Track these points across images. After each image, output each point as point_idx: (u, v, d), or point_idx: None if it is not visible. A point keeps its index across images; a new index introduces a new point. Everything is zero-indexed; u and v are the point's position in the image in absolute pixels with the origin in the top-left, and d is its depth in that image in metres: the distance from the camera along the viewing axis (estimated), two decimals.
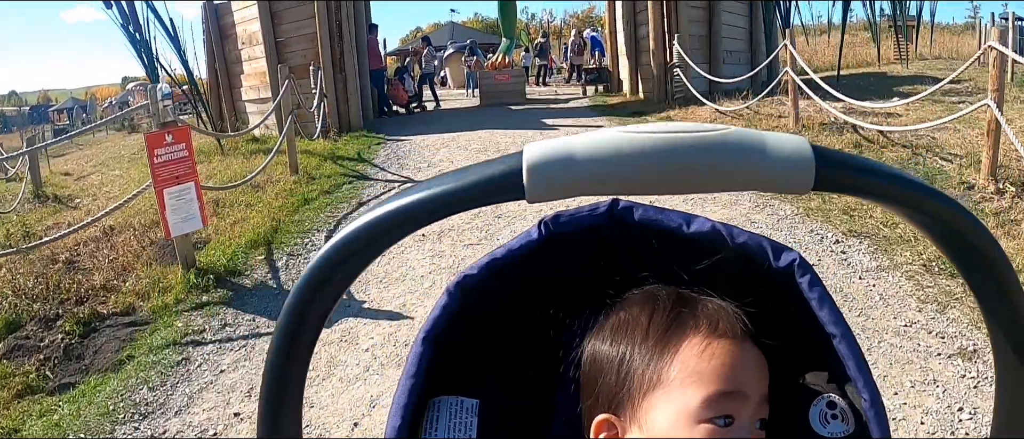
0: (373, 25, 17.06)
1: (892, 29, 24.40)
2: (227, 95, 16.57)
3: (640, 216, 0.80)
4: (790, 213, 6.20)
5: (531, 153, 0.48)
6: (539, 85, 25.73)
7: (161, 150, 5.69)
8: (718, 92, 13.44)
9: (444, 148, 10.90)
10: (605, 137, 0.47)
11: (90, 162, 20.44)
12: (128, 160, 18.32)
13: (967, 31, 41.36)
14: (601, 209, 0.80)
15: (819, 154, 0.47)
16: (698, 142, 0.46)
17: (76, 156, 25.67)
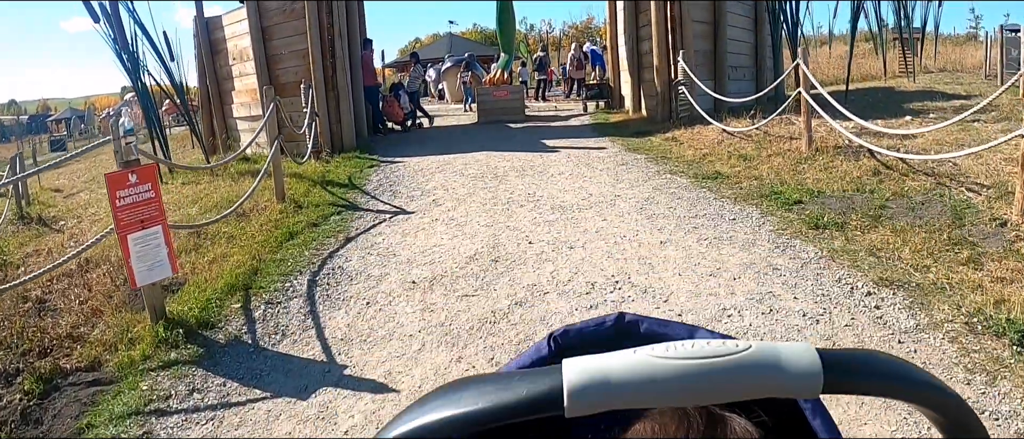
0: (368, 40, 16.59)
1: (896, 41, 24.01)
2: (218, 111, 16.10)
3: (645, 329, 0.79)
4: (813, 256, 5.68)
5: (570, 374, 0.50)
6: (538, 100, 25.22)
7: (124, 191, 5.18)
8: (724, 109, 12.93)
9: (439, 173, 10.39)
10: (640, 360, 0.50)
11: (82, 177, 20.06)
12: None
13: (969, 42, 41.09)
14: (608, 323, 0.79)
15: (827, 364, 0.50)
16: (724, 366, 0.49)
17: (70, 169, 25.33)
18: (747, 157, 9.68)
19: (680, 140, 11.88)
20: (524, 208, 7.71)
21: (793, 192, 7.58)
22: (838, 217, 6.57)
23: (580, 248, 6.12)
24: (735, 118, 12.25)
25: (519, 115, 17.67)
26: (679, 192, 8.10)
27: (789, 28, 15.21)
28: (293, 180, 10.48)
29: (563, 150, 11.82)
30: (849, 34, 17.28)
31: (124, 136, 5.23)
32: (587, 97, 19.44)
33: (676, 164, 9.97)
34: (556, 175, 9.57)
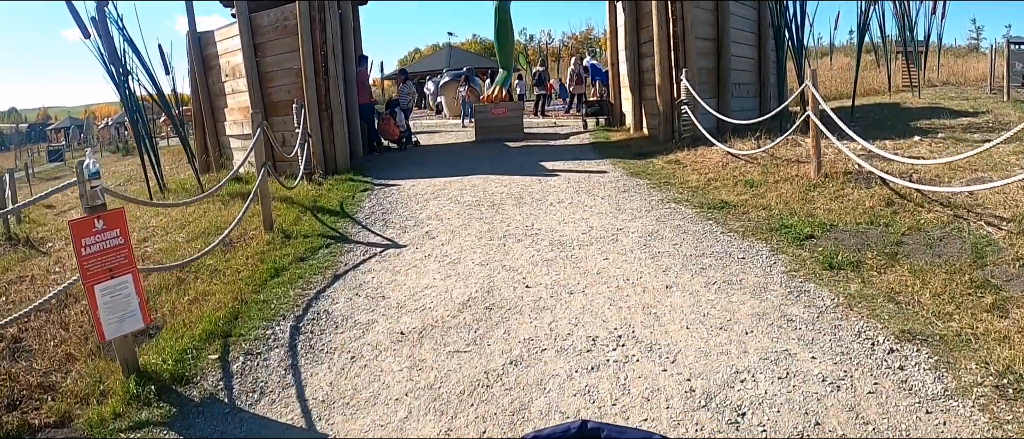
0: (363, 57, 16.29)
1: (898, 54, 23.72)
2: (211, 128, 15.78)
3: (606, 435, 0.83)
4: (830, 304, 5.31)
5: None
6: (537, 115, 24.88)
7: (90, 239, 4.82)
8: (727, 129, 12.56)
9: (434, 199, 10.03)
10: None
11: (75, 192, 19.71)
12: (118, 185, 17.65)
13: (971, 53, 40.85)
14: (573, 430, 0.81)
15: None
16: None
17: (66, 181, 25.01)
18: (753, 183, 9.33)
19: (683, 163, 11.53)
20: (521, 244, 7.34)
21: (804, 225, 7.22)
22: (853, 255, 6.21)
23: (580, 293, 5.74)
24: (739, 139, 11.90)
25: (518, 133, 17.31)
26: (684, 225, 7.74)
27: (795, 43, 14.80)
28: (283, 206, 10.13)
29: (562, 174, 11.47)
30: (852, 46, 16.90)
31: (89, 179, 4.86)
32: (587, 114, 19.11)
33: (680, 191, 9.61)
34: (555, 203, 9.21)
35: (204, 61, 15.76)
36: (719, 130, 12.94)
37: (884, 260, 6.04)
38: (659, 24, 13.75)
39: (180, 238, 9.31)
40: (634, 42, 15.76)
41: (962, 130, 12.40)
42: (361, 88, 15.33)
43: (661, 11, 13.75)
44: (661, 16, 13.75)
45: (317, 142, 13.04)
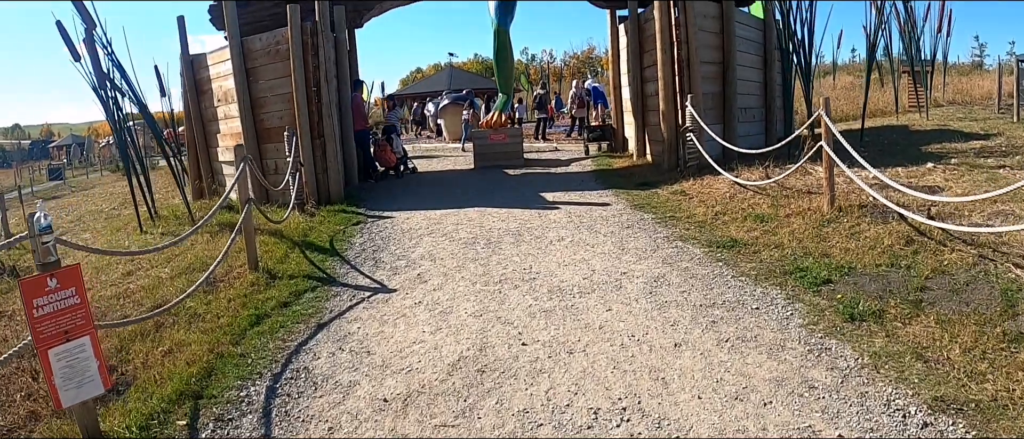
0: (358, 82, 15.91)
1: (904, 73, 23.34)
2: (204, 153, 15.37)
3: None
4: (854, 364, 4.84)
5: None
6: (538, 139, 24.46)
7: (43, 299, 4.37)
8: (734, 156, 12.10)
9: (428, 236, 9.56)
10: None
11: (73, 212, 19.55)
12: (106, 216, 17.32)
13: (975, 71, 40.49)
14: None
15: None
16: None
17: (65, 202, 24.82)
18: (763, 218, 8.88)
19: (689, 194, 11.09)
20: (518, 290, 6.86)
21: (820, 268, 6.76)
22: (875, 303, 5.75)
23: (581, 353, 5.27)
24: (747, 167, 11.46)
25: (518, 160, 16.88)
26: (692, 267, 7.27)
27: (802, 66, 14.34)
28: (271, 240, 9.69)
29: (563, 207, 11.01)
30: (855, 65, 16.48)
31: (40, 234, 4.41)
32: (589, 139, 18.67)
33: (686, 226, 9.15)
34: (555, 242, 8.73)
35: (197, 85, 15.40)
36: (725, 157, 12.53)
37: (908, 308, 5.59)
38: (663, 48, 13.34)
39: (165, 273, 8.90)
40: (637, 66, 15.35)
41: (975, 155, 11.98)
42: (356, 114, 14.94)
43: (665, 35, 13.34)
44: (665, 40, 13.33)
45: (309, 171, 12.61)
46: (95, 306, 8.03)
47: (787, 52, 14.23)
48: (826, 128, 8.57)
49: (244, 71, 13.54)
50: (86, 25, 12.17)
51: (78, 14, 12.08)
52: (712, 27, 13.96)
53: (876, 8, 15.32)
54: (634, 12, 15.43)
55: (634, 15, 15.42)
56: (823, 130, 8.61)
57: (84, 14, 12.12)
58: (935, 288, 5.97)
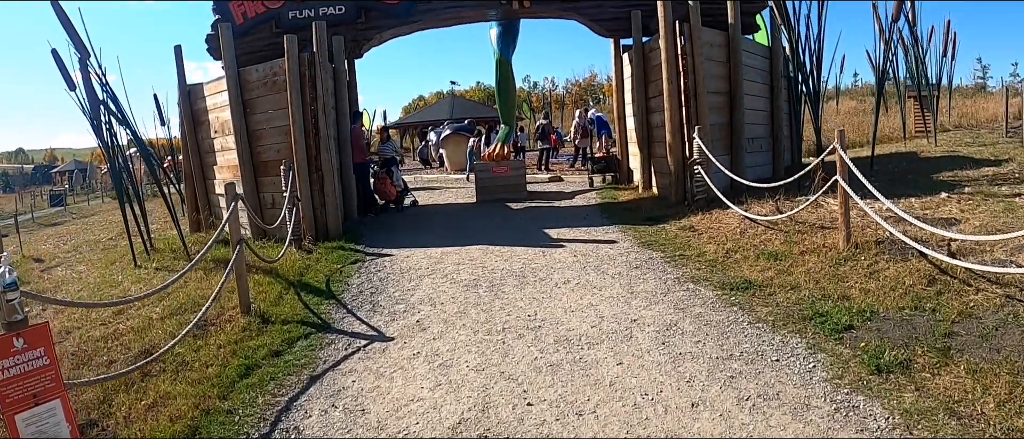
0: (358, 113, 15.61)
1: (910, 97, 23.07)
2: (201, 186, 15.08)
3: None
4: (885, 425, 4.45)
5: None
6: (541, 169, 24.12)
7: (8, 361, 4.03)
8: (742, 188, 11.71)
9: (428, 277, 9.18)
10: None
11: (71, 242, 19.25)
12: (104, 246, 17.03)
13: (978, 93, 40.29)
14: None
15: None
16: None
17: (64, 230, 24.56)
18: (777, 256, 8.51)
19: (698, 230, 10.73)
20: (523, 340, 6.47)
21: (840, 312, 6.39)
22: (901, 351, 5.38)
23: (590, 415, 4.87)
24: (756, 200, 11.11)
25: (521, 193, 16.52)
26: (706, 313, 6.89)
27: (811, 96, 13.96)
28: (265, 280, 9.34)
29: (568, 244, 10.63)
30: (858, 89, 16.15)
31: (4, 291, 4.07)
32: (594, 171, 18.32)
33: (697, 266, 8.78)
34: (561, 284, 8.34)
35: (194, 116, 15.16)
36: (733, 189, 12.17)
37: (937, 357, 5.23)
38: (669, 78, 13.02)
39: (156, 312, 8.58)
40: (642, 96, 15.03)
41: (988, 182, 11.67)
42: (355, 146, 14.63)
43: (672, 65, 13.02)
44: (672, 70, 13.02)
45: (307, 206, 12.27)
46: (82, 349, 7.72)
47: (796, 81, 13.87)
48: (841, 161, 8.23)
49: (241, 102, 13.26)
50: (80, 54, 12.01)
51: (71, 43, 11.88)
52: (719, 56, 13.67)
53: (885, 39, 15.00)
54: (638, 41, 15.15)
55: (638, 44, 15.14)
56: (838, 163, 8.28)
57: (78, 43, 11.94)
58: (963, 333, 5.61)
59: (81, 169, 71.59)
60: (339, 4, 15.32)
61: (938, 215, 8.96)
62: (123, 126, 12.90)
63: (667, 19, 13.07)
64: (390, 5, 15.49)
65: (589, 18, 15.79)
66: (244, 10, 15.35)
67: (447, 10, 15.73)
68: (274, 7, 15.28)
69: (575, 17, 16.08)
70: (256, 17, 15.34)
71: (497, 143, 18.15)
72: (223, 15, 15.27)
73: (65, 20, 11.72)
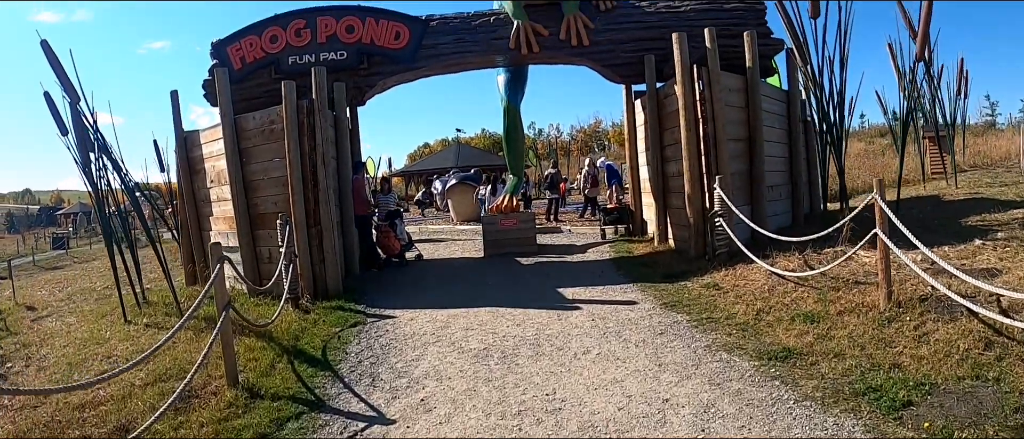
0: (359, 163, 14.99)
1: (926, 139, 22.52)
2: (197, 237, 14.45)
3: None
4: None
5: None
6: (549, 219, 23.43)
7: None
8: (763, 239, 10.94)
9: (434, 344, 8.39)
10: None
11: (67, 289, 18.71)
12: (98, 296, 16.46)
13: (988, 130, 39.73)
14: None
15: None
16: None
17: (62, 275, 24.06)
18: (813, 317, 7.79)
19: (723, 287, 10.00)
20: (542, 426, 5.62)
21: (895, 385, 5.65)
22: (971, 432, 4.68)
23: None
24: (781, 252, 10.41)
25: (530, 246, 15.79)
26: (745, 389, 6.11)
27: (834, 141, 13.23)
28: (257, 345, 8.63)
29: (585, 306, 9.85)
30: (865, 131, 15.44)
31: None
32: (606, 222, 17.62)
33: (728, 331, 8.02)
34: (580, 354, 7.54)
35: (190, 164, 14.60)
36: (754, 241, 11.47)
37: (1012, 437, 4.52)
38: (687, 126, 12.37)
39: (138, 379, 7.87)
40: (656, 143, 14.37)
41: (1020, 226, 10.98)
42: (357, 198, 14.01)
43: (690, 111, 12.39)
44: (690, 116, 12.38)
45: (305, 263, 11.57)
46: (56, 418, 7.05)
47: (822, 129, 13.16)
48: (881, 212, 7.53)
49: (237, 151, 12.68)
50: (70, 99, 11.62)
51: (61, 86, 11.44)
52: (737, 101, 13.05)
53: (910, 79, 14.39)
54: (652, 86, 14.54)
55: (652, 89, 14.52)
56: (878, 214, 7.57)
57: (67, 86, 11.56)
58: None
59: (85, 212, 71.29)
60: (340, 50, 14.80)
61: (977, 266, 8.25)
62: (114, 171, 12.50)
63: (684, 63, 12.46)
64: (393, 50, 14.96)
65: (600, 63, 15.21)
66: (242, 55, 14.84)
67: (452, 56, 15.18)
68: (273, 52, 14.77)
69: (586, 63, 15.51)
70: (254, 62, 14.83)
71: (505, 194, 17.45)
72: (221, 60, 14.83)
73: (55, 63, 11.38)
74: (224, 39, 15.00)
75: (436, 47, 15.13)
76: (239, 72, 14.75)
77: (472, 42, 15.21)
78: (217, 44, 15.04)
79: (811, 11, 11.99)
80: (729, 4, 14.90)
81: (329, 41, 14.82)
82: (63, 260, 30.84)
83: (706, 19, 14.21)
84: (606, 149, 76.54)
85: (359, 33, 14.91)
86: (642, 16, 15.08)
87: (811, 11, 11.99)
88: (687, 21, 14.43)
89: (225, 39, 15.00)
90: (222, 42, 15.00)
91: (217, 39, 15.11)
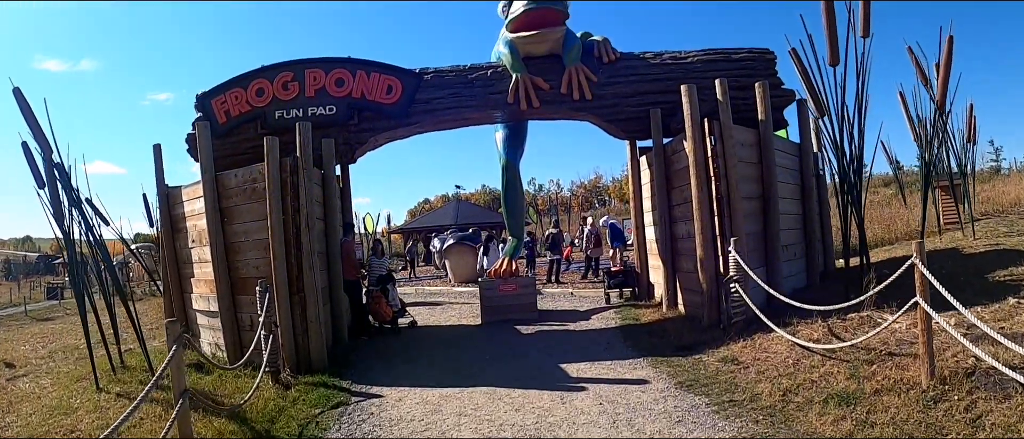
0: (348, 225, 14.18)
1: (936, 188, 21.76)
2: (178, 299, 13.61)
3: None
4: None
5: None
6: (551, 281, 22.54)
7: None
8: (778, 303, 10.01)
9: (422, 433, 7.45)
10: None
11: (50, 345, 17.76)
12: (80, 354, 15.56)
13: (994, 176, 39.08)
14: None
15: None
16: None
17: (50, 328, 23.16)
18: (847, 398, 6.90)
19: (742, 361, 9.09)
20: None
21: None
22: None
23: None
24: (802, 319, 9.55)
25: (531, 313, 14.90)
26: None
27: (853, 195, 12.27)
28: (227, 428, 7.75)
29: (591, 386, 8.83)
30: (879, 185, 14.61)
31: None
32: (610, 286, 16.73)
33: (753, 416, 7.09)
34: None
35: (172, 221, 13.79)
36: (770, 305, 10.60)
37: None
38: (698, 184, 11.55)
39: None
40: (664, 202, 13.55)
41: None
42: (346, 262, 13.20)
43: (701, 168, 11.59)
44: (701, 175, 11.57)
45: (286, 333, 10.67)
46: None
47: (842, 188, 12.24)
48: (922, 278, 6.71)
49: (218, 211, 11.90)
50: (43, 152, 10.91)
51: (33, 136, 10.80)
52: (750, 156, 12.26)
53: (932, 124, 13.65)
54: (659, 142, 13.77)
55: (659, 145, 13.75)
56: (918, 281, 6.75)
57: (39, 137, 10.83)
58: None
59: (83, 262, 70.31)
60: (329, 104, 14.08)
61: (1016, 329, 7.49)
62: (84, 227, 11.70)
63: (693, 117, 11.69)
64: (385, 105, 14.24)
65: (603, 118, 14.47)
66: (227, 108, 14.14)
67: (448, 111, 14.45)
68: (259, 106, 14.07)
69: (588, 118, 14.79)
70: (240, 116, 14.13)
71: (504, 257, 16.52)
72: (205, 113, 14.14)
73: (27, 112, 10.71)
74: (209, 91, 14.32)
75: (430, 102, 14.43)
76: (223, 126, 14.05)
77: (469, 96, 14.51)
78: (202, 96, 14.36)
79: (830, 58, 11.20)
80: (737, 54, 14.24)
81: (318, 95, 14.12)
82: (55, 311, 29.96)
83: (714, 70, 13.55)
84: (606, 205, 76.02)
85: (349, 86, 14.22)
86: (646, 68, 14.41)
87: (830, 58, 11.20)
88: (694, 72, 13.76)
89: (210, 91, 14.31)
90: (206, 94, 14.31)
91: (202, 91, 14.41)
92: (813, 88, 12.07)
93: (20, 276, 55.42)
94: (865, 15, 11.21)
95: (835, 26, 11.10)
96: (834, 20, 11.08)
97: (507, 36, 14.65)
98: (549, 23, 14.25)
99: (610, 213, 29.64)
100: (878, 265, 12.78)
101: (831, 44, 11.11)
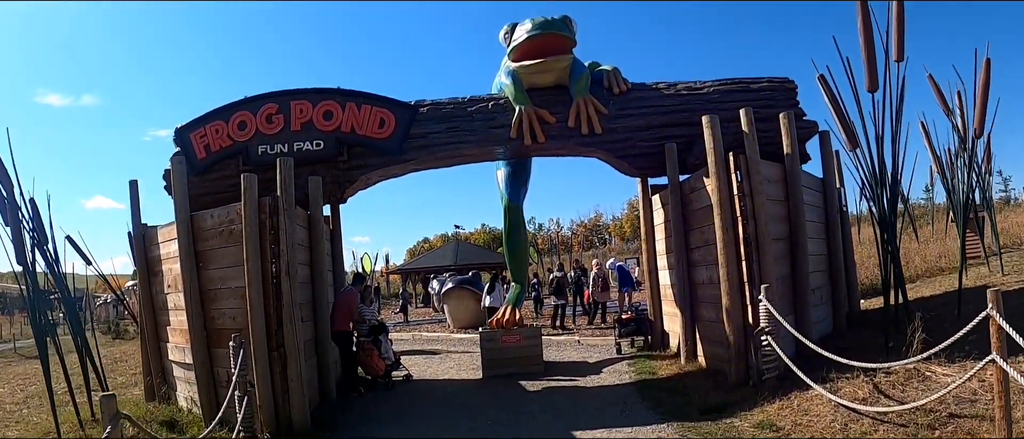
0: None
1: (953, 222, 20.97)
2: (154, 348, 12.47)
3: None
4: None
5: None
6: (555, 326, 21.41)
7: None
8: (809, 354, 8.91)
9: None
10: None
11: (32, 387, 16.87)
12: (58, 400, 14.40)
13: (1006, 207, 38.28)
14: None
15: None
16: None
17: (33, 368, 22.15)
18: None
19: (781, 427, 7.94)
20: None
21: None
22: None
23: None
24: (841, 373, 8.43)
25: (536, 367, 13.71)
26: None
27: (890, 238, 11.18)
28: None
29: None
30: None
31: None
32: (621, 334, 15.55)
33: None
34: None
35: (148, 264, 12.60)
36: (799, 356, 9.47)
37: None
38: (723, 225, 10.43)
39: None
40: (681, 245, 12.41)
41: None
42: (339, 312, 12.18)
43: (725, 207, 10.49)
44: (725, 214, 10.47)
45: (265, 393, 9.53)
46: None
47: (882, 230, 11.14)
48: (998, 331, 5.67)
49: (193, 254, 10.80)
50: (3, 187, 10.22)
51: None
52: (776, 193, 11.20)
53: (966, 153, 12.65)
54: (675, 179, 12.67)
55: (675, 183, 12.65)
56: (993, 335, 5.73)
57: (1, 174, 10.17)
58: None
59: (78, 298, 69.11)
60: (317, 138, 13.04)
61: None
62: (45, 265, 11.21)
63: (717, 151, 10.61)
64: (377, 140, 13.18)
65: (614, 154, 13.37)
66: (207, 143, 13.12)
67: (445, 147, 13.38)
68: (241, 140, 13.05)
69: (598, 154, 13.73)
70: (220, 151, 13.10)
71: (507, 306, 15.25)
72: (183, 148, 13.08)
73: None
74: (187, 125, 13.31)
75: (426, 137, 13.39)
76: (203, 162, 13.05)
77: (468, 131, 13.46)
78: (180, 130, 13.36)
79: (868, 84, 10.24)
80: (757, 83, 13.24)
81: (304, 128, 13.09)
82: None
83: (732, 101, 12.55)
84: (607, 243, 75.02)
85: (338, 120, 13.19)
86: (660, 99, 13.38)
87: (868, 84, 10.24)
88: (711, 104, 12.73)
89: (188, 125, 13.30)
90: (185, 128, 13.30)
91: (180, 125, 13.38)
92: (843, 118, 11.04)
93: (15, 311, 54.42)
94: (899, 37, 10.28)
95: (874, 48, 10.18)
96: (872, 42, 10.16)
97: (510, 65, 13.66)
98: (555, 51, 13.23)
99: (612, 253, 28.59)
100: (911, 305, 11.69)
101: (869, 68, 10.15)
